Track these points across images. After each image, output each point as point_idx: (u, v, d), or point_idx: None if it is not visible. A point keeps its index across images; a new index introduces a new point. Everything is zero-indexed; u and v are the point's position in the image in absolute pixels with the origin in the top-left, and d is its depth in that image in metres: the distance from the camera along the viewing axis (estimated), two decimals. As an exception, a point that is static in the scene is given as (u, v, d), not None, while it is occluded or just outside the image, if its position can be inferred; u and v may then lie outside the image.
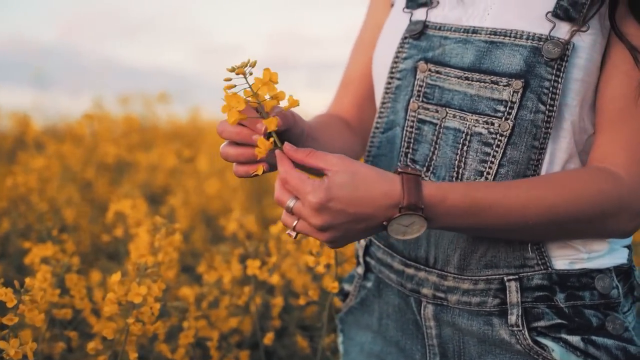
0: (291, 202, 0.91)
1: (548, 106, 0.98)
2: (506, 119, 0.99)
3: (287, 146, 0.94)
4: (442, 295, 1.07)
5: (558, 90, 0.97)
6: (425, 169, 1.06)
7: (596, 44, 0.99)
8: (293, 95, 0.94)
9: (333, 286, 1.28)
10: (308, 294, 1.38)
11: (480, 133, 1.02)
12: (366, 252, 1.20)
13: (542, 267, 1.01)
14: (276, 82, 0.92)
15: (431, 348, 1.11)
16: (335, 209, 0.88)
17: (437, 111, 1.06)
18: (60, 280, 1.46)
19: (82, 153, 2.91)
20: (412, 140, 1.08)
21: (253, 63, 0.92)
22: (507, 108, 0.99)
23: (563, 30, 0.98)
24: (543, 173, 1.01)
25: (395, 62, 1.12)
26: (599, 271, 1.02)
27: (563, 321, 1.00)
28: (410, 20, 1.13)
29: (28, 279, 1.25)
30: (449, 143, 1.04)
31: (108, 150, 2.91)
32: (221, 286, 1.66)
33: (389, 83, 1.13)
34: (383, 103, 1.15)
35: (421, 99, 1.08)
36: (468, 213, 0.93)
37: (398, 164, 1.09)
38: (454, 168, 1.03)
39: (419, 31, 1.10)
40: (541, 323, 1.01)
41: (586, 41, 0.98)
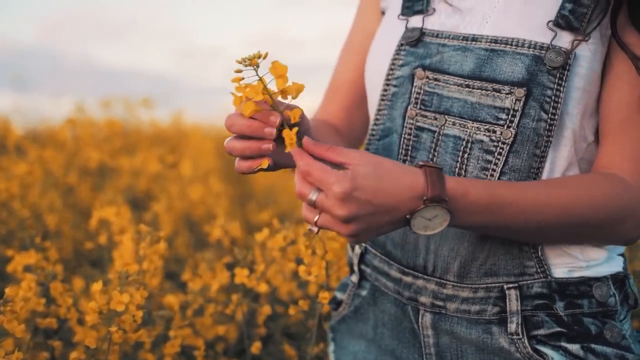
0: (313, 195, 0.88)
1: (550, 114, 0.98)
2: (508, 127, 1.00)
3: (307, 140, 0.91)
4: (441, 303, 1.06)
5: (560, 98, 0.98)
6: None
7: (597, 53, 1.00)
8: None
9: (323, 296, 1.27)
10: (298, 304, 1.36)
11: (481, 140, 1.01)
12: (361, 260, 1.20)
13: (542, 275, 1.02)
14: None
15: (428, 357, 1.10)
16: (360, 199, 0.86)
17: (436, 118, 1.06)
18: (44, 288, 1.44)
19: (64, 158, 2.89)
20: (410, 147, 1.08)
21: (265, 55, 0.90)
22: (510, 116, 0.99)
23: (564, 39, 0.99)
24: None
25: (391, 69, 1.12)
26: (597, 279, 1.03)
27: (563, 329, 1.01)
28: (406, 27, 1.13)
29: (8, 289, 1.23)
30: (449, 150, 1.04)
31: (91, 155, 2.88)
32: (206, 294, 1.65)
33: (385, 90, 1.13)
34: (379, 110, 1.14)
35: (419, 106, 1.07)
36: (487, 210, 0.93)
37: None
38: (454, 175, 1.03)
39: (416, 38, 1.09)
40: (541, 331, 1.01)
41: (587, 50, 0.99)
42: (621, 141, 1.00)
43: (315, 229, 0.91)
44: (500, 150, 1.00)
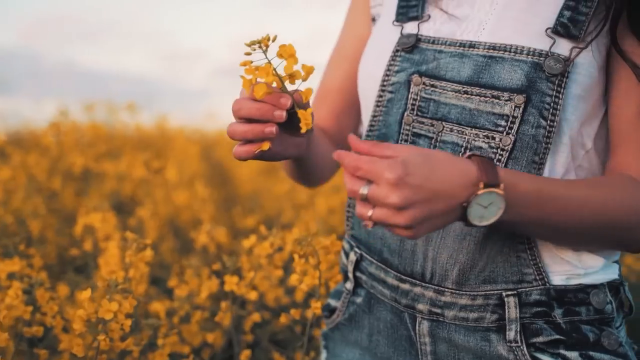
0: (365, 189, 0.84)
1: (549, 121, 0.98)
2: (507, 134, 0.99)
3: (352, 136, 0.89)
4: (439, 310, 1.06)
5: (559, 105, 0.98)
6: None
7: (594, 60, 1.00)
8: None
9: (316, 307, 1.26)
10: (289, 312, 1.35)
11: (480, 147, 1.01)
12: (356, 268, 1.19)
13: (540, 283, 1.01)
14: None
15: (425, 365, 1.09)
16: (413, 184, 0.82)
17: (433, 125, 1.05)
18: (30, 296, 1.43)
19: (48, 162, 2.86)
20: None
21: (274, 38, 0.90)
22: (509, 123, 0.99)
23: (563, 46, 0.99)
24: None
25: (387, 75, 1.11)
26: (594, 287, 1.03)
27: (561, 337, 1.01)
28: (401, 33, 1.12)
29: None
30: None
31: (75, 159, 2.86)
32: (192, 300, 1.64)
33: (380, 96, 1.12)
34: (374, 116, 1.14)
35: (415, 113, 1.07)
36: (535, 203, 0.91)
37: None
38: None
39: (412, 44, 1.09)
40: (540, 339, 1.01)
41: (585, 57, 0.99)
42: (634, 148, 1.01)
43: (370, 224, 0.86)
44: (499, 157, 1.00)
